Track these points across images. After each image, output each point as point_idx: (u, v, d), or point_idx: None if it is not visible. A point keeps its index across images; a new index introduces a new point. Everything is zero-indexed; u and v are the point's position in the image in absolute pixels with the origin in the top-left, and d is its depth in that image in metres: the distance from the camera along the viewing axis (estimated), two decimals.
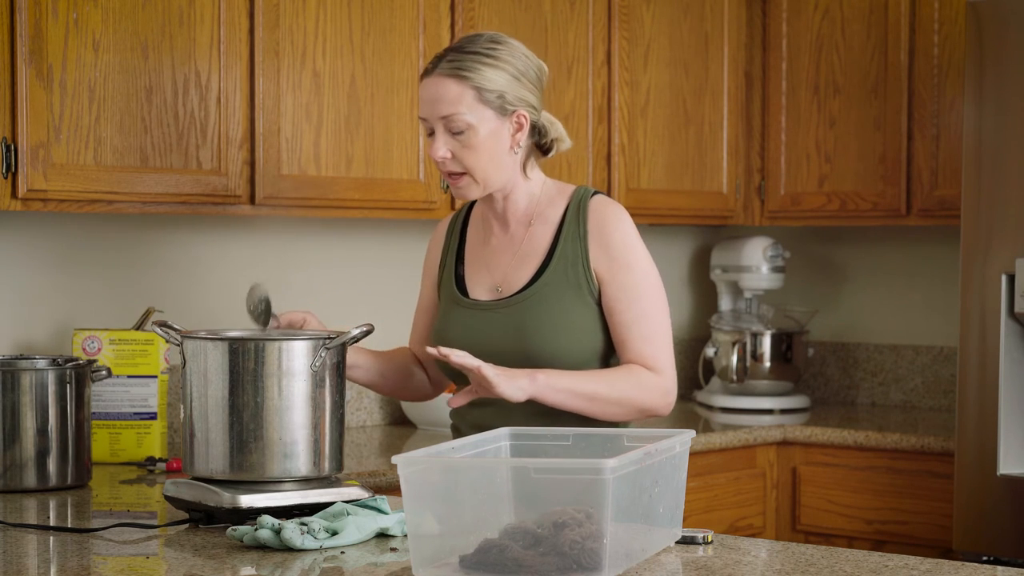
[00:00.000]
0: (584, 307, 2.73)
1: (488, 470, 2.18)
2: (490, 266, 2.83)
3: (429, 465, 2.15)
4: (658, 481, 2.26)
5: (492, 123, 2.70)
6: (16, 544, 2.43)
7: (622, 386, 2.69)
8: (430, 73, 2.70)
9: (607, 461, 2.03)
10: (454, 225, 2.95)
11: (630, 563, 2.18)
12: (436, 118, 2.69)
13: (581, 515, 2.06)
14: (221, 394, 2.52)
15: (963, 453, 3.83)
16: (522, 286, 2.77)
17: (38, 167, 3.10)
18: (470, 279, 2.85)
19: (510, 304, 2.76)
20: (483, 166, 2.71)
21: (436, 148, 2.69)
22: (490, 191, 2.76)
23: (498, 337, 2.74)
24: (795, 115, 4.58)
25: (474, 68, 2.67)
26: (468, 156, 2.69)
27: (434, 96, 2.68)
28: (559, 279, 2.74)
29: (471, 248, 2.89)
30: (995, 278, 3.77)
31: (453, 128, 2.68)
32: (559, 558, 2.04)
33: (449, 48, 2.73)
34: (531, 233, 2.80)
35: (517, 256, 2.80)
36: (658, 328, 2.73)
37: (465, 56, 2.68)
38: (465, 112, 2.67)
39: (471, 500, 2.16)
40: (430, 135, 2.72)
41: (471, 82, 2.67)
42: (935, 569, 2.21)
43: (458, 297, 2.84)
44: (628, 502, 2.13)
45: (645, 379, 2.70)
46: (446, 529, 2.14)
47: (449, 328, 2.82)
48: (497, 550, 2.06)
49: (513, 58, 2.71)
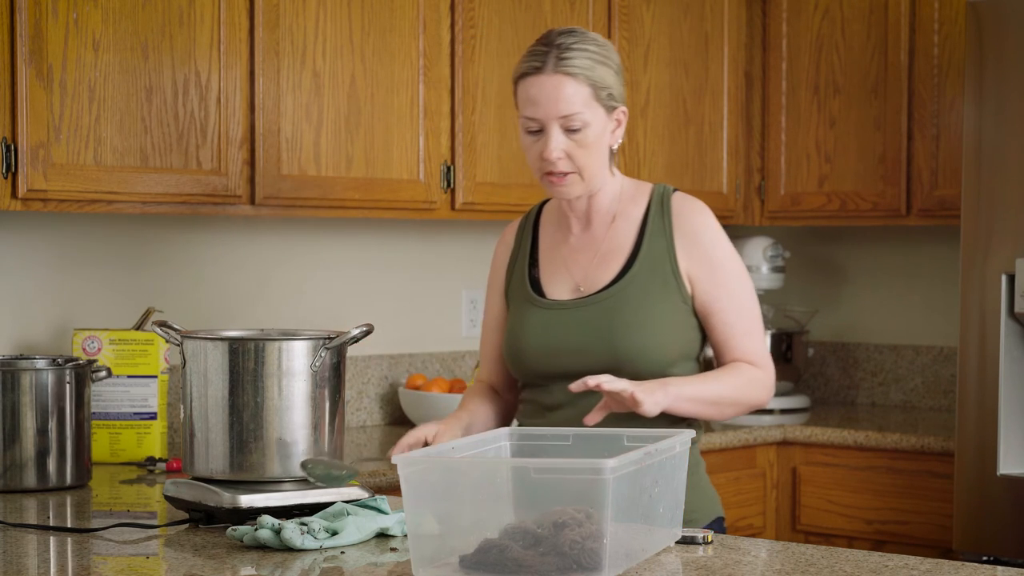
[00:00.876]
0: (670, 305, 2.71)
1: (488, 470, 2.18)
2: (569, 265, 2.79)
3: (429, 465, 2.15)
4: (658, 481, 2.26)
5: (602, 121, 2.68)
6: (16, 544, 2.43)
7: (739, 386, 2.71)
8: (540, 71, 2.66)
9: (607, 461, 2.03)
10: (524, 228, 2.91)
11: (630, 563, 2.18)
12: (553, 117, 2.65)
13: (581, 515, 2.06)
14: (221, 394, 2.52)
15: (963, 453, 3.83)
16: (605, 284, 2.74)
17: (38, 167, 3.10)
18: (546, 280, 2.81)
19: (594, 303, 2.73)
20: (593, 164, 2.69)
21: (551, 148, 2.65)
22: (591, 190, 2.74)
23: (582, 336, 2.71)
24: (795, 115, 4.58)
25: (588, 66, 2.65)
26: (581, 155, 2.67)
27: (551, 95, 2.65)
28: (645, 277, 2.72)
29: (546, 249, 2.85)
30: (995, 278, 3.77)
31: (571, 126, 2.65)
32: (559, 558, 2.04)
33: (548, 44, 2.68)
34: (613, 231, 2.77)
35: (600, 254, 2.77)
36: (756, 322, 2.76)
37: (576, 53, 2.65)
38: (584, 111, 2.65)
39: (471, 500, 2.16)
40: (534, 133, 2.68)
41: (588, 80, 2.65)
42: (935, 569, 2.21)
43: (534, 298, 2.79)
44: (628, 502, 2.13)
45: (754, 376, 2.73)
46: (446, 529, 2.14)
47: (527, 329, 2.77)
48: (497, 550, 2.05)
49: (612, 54, 2.70)
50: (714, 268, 2.73)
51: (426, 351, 4.31)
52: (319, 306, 4.06)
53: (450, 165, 3.86)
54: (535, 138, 2.68)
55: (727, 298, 2.73)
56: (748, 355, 2.73)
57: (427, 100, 3.79)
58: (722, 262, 2.74)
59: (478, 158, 3.92)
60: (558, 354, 2.68)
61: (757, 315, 2.77)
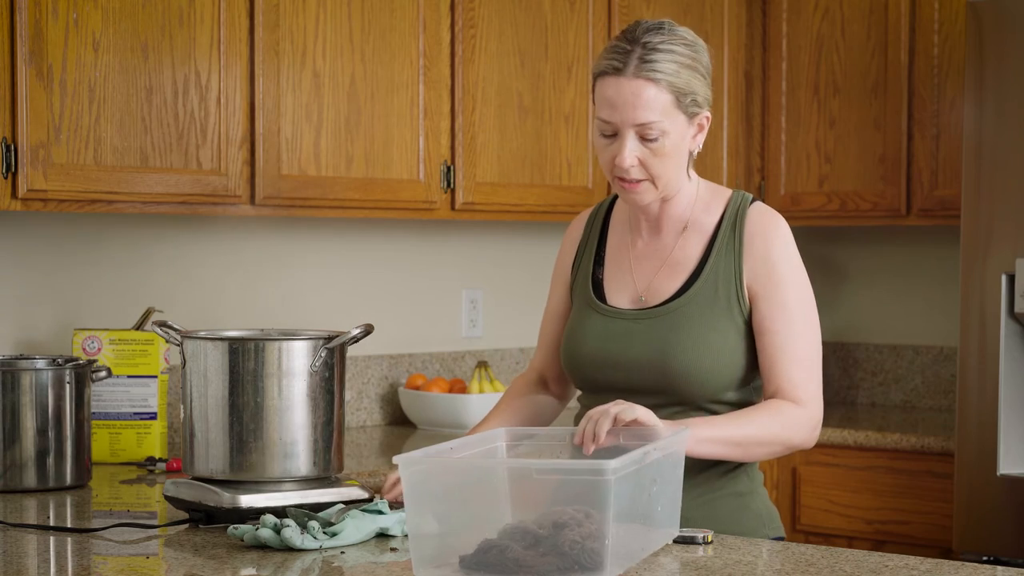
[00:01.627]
0: (731, 326, 2.54)
1: (488, 471, 2.18)
2: (634, 272, 2.63)
3: (429, 465, 2.15)
4: (656, 480, 2.26)
5: (682, 128, 2.50)
6: (16, 544, 2.43)
7: (769, 427, 2.48)
8: (621, 73, 2.47)
9: (609, 462, 2.02)
10: (592, 224, 2.74)
11: (630, 563, 2.18)
12: (629, 124, 2.47)
13: (580, 515, 2.06)
14: (221, 394, 2.52)
15: (963, 453, 3.83)
16: (667, 298, 2.58)
17: (38, 167, 3.10)
18: (609, 284, 2.65)
19: (652, 316, 2.57)
20: (668, 173, 2.52)
21: (624, 155, 2.48)
22: (664, 197, 2.58)
23: (637, 350, 2.56)
24: (795, 115, 4.58)
25: (673, 71, 2.46)
26: (656, 164, 2.50)
27: (630, 101, 2.46)
28: (707, 295, 2.55)
29: (613, 251, 2.68)
30: (995, 278, 3.77)
31: (647, 135, 2.47)
32: (559, 558, 2.04)
33: (633, 41, 2.48)
34: (683, 240, 2.61)
35: (667, 265, 2.61)
36: (810, 351, 2.53)
37: (661, 56, 2.46)
38: (663, 119, 2.47)
39: (471, 500, 2.16)
40: (608, 136, 2.51)
41: (671, 87, 2.47)
42: (935, 569, 2.21)
43: (595, 302, 2.64)
44: (628, 502, 2.13)
45: (792, 415, 2.49)
46: (446, 529, 2.14)
47: (586, 336, 2.62)
48: (497, 550, 2.05)
49: (701, 55, 2.52)
50: (776, 286, 2.54)
51: (426, 351, 4.31)
52: (319, 306, 4.06)
53: (450, 165, 3.86)
54: (609, 141, 2.51)
55: (783, 320, 2.52)
56: (791, 385, 2.50)
57: (427, 100, 3.79)
58: (787, 281, 2.55)
59: (478, 158, 3.92)
60: (612, 366, 2.55)
61: (813, 346, 2.54)
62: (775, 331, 2.52)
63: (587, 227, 2.74)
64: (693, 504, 2.52)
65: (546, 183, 4.09)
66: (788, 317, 2.52)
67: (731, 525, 2.54)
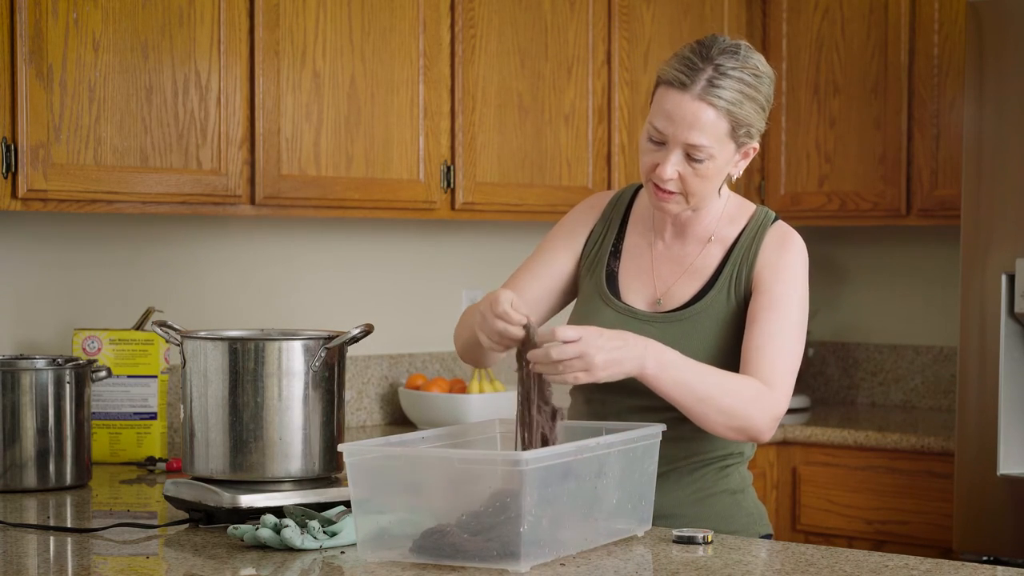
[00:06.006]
0: (740, 335, 2.53)
1: (417, 460, 2.23)
2: (653, 274, 2.63)
3: (369, 455, 2.23)
4: (605, 473, 2.29)
5: (729, 155, 2.51)
6: (16, 544, 2.43)
7: (737, 394, 2.44)
8: (687, 89, 2.45)
9: (524, 453, 2.12)
10: (612, 213, 2.71)
11: (564, 552, 2.23)
12: (681, 141, 2.46)
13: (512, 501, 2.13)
14: (221, 394, 2.52)
15: (963, 453, 3.83)
16: (682, 304, 2.58)
17: (38, 167, 3.10)
18: (625, 281, 2.64)
19: (668, 321, 2.56)
20: (703, 191, 2.52)
21: (667, 168, 2.48)
22: (694, 211, 2.58)
23: None
24: (795, 115, 4.58)
25: (736, 101, 2.45)
26: (695, 183, 2.50)
27: (688, 120, 2.45)
28: (720, 304, 2.56)
29: (631, 247, 2.67)
30: (995, 278, 3.77)
31: (695, 156, 2.47)
32: (493, 544, 2.12)
33: (706, 59, 2.46)
34: (706, 251, 2.61)
35: (687, 272, 2.61)
36: (794, 352, 2.51)
37: (729, 83, 2.45)
38: (714, 145, 2.46)
39: (409, 490, 2.22)
40: (656, 143, 2.50)
41: (730, 116, 2.46)
42: (935, 569, 2.21)
43: (608, 296, 2.62)
44: (560, 493, 2.19)
45: (762, 395, 2.45)
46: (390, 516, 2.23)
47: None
48: (438, 535, 2.16)
49: (765, 87, 2.51)
50: (775, 283, 2.54)
51: (426, 351, 4.31)
52: (319, 306, 4.06)
53: (450, 165, 3.86)
54: (655, 147, 2.50)
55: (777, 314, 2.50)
56: (771, 371, 2.47)
57: (427, 100, 3.79)
58: (786, 282, 2.54)
59: (478, 158, 3.92)
60: None
61: (796, 350, 2.52)
62: (767, 320, 2.50)
63: (606, 214, 2.71)
64: (688, 501, 2.57)
65: (546, 183, 4.09)
66: (781, 314, 2.52)
67: (725, 522, 2.57)
